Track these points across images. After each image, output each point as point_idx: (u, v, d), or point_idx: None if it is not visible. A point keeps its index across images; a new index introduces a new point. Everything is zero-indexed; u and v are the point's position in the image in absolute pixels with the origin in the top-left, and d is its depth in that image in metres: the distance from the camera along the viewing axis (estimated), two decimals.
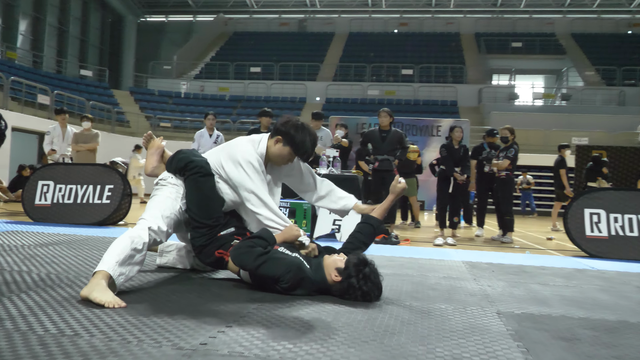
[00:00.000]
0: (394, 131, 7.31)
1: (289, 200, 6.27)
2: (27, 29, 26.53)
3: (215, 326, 2.07)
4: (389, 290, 3.05)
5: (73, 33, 29.56)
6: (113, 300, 2.32)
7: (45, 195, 6.54)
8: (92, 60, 30.74)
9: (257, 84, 25.70)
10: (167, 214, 2.88)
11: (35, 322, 2.00)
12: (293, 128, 3.03)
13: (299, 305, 2.50)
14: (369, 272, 2.70)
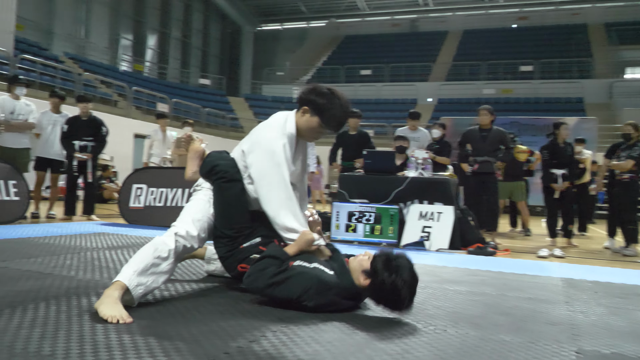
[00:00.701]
0: (495, 130, 6.66)
1: (375, 205, 5.90)
2: (154, 43, 28.47)
3: (215, 352, 1.79)
4: (449, 312, 2.59)
5: (195, 44, 31.29)
6: (118, 315, 2.12)
7: (139, 198, 6.73)
8: (212, 70, 32.34)
9: (367, 86, 25.44)
10: (198, 217, 2.65)
11: (23, 337, 1.85)
12: (318, 94, 2.68)
13: (323, 330, 2.14)
14: (399, 267, 2.34)
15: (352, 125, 7.49)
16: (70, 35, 22.76)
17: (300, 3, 32.96)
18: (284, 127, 2.71)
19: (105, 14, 25.20)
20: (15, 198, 6.02)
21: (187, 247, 2.58)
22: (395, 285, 2.30)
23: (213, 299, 2.63)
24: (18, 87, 6.71)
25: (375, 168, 6.21)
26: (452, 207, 5.84)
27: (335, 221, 6.01)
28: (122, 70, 24.10)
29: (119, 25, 25.84)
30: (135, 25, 27.10)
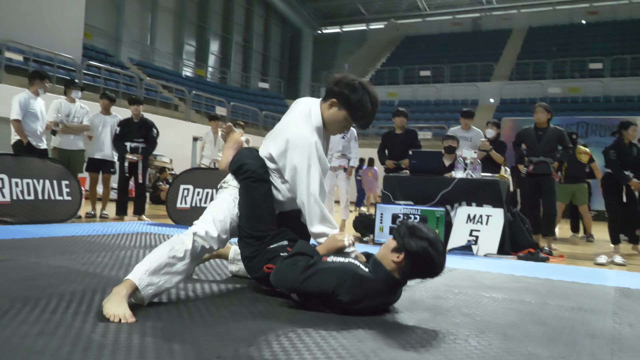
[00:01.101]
0: (552, 129, 6.29)
1: (420, 207, 5.70)
2: (216, 49, 29.13)
3: (208, 356, 1.70)
4: (477, 321, 2.40)
5: (256, 49, 31.79)
6: (121, 314, 2.07)
7: (186, 198, 6.81)
8: (272, 73, 32.75)
9: (426, 87, 24.96)
10: (220, 217, 2.56)
11: (21, 333, 1.83)
12: (348, 87, 2.54)
13: (332, 337, 2.01)
14: (422, 231, 2.29)
15: (398, 124, 7.29)
16: (136, 42, 23.62)
17: (359, 5, 32.85)
18: (310, 120, 2.60)
19: (170, 21, 26.00)
20: (67, 198, 6.22)
21: (206, 247, 2.50)
22: (426, 249, 2.24)
23: (228, 300, 2.55)
24: (74, 91, 6.95)
25: (421, 168, 6.00)
26: (502, 210, 5.55)
27: (379, 223, 5.84)
28: (184, 75, 24.79)
29: (182, 31, 26.59)
30: (198, 31, 27.82)
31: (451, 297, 2.93)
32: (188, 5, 26.84)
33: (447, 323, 2.33)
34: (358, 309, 2.28)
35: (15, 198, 5.68)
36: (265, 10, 32.39)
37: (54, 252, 3.72)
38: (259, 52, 32.14)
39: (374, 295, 2.28)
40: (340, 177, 7.82)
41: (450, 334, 2.14)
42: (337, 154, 7.80)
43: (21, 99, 6.36)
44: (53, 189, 6.07)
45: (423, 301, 2.77)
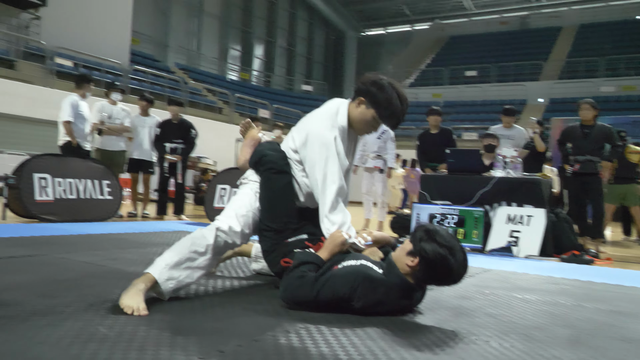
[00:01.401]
0: (599, 126, 6.02)
1: (458, 207, 5.54)
2: (261, 53, 29.44)
3: (210, 350, 1.66)
4: (503, 322, 2.27)
5: (300, 52, 31.96)
6: (135, 306, 2.06)
7: (222, 198, 6.85)
8: (316, 76, 32.84)
9: (472, 87, 24.45)
10: (242, 212, 2.53)
11: (31, 325, 1.84)
12: (375, 85, 2.47)
13: (344, 334, 1.94)
14: (439, 235, 2.16)
15: (433, 124, 7.13)
16: (183, 48, 24.12)
17: (404, 6, 32.54)
18: (335, 118, 2.55)
19: (215, 26, 26.45)
20: (108, 197, 6.36)
21: (229, 242, 2.47)
22: (442, 256, 2.11)
23: (245, 296, 2.51)
24: (114, 93, 7.12)
25: (459, 167, 5.84)
26: (544, 210, 5.33)
27: (415, 224, 5.71)
28: (229, 79, 25.15)
29: (227, 36, 27.00)
30: (243, 35, 28.19)
31: (479, 298, 2.80)
32: (233, 10, 27.24)
33: (469, 324, 2.22)
34: (372, 313, 2.19)
35: (58, 197, 5.84)
36: (309, 14, 32.52)
37: (85, 249, 3.78)
38: (302, 55, 32.30)
39: (386, 300, 2.19)
40: (377, 178, 7.73)
41: (470, 335, 2.03)
42: (373, 155, 7.71)
43: (72, 102, 6.56)
44: (94, 189, 6.21)
45: (447, 301, 2.66)
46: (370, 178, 7.85)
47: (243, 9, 28.03)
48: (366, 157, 7.87)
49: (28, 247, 3.66)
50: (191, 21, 25.14)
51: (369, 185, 7.96)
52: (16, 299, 2.18)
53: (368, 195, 7.99)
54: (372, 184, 7.88)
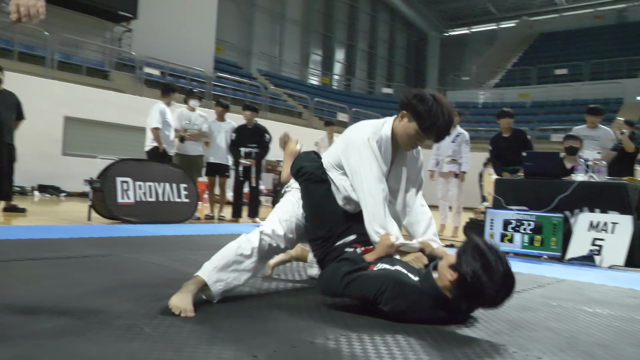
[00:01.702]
0: None
1: (535, 213, 5.27)
2: (342, 57, 29.59)
3: (242, 355, 1.67)
4: (563, 338, 2.12)
5: (381, 55, 31.80)
6: (182, 307, 2.12)
7: None
8: (398, 79, 32.55)
9: (562, 87, 23.24)
10: (285, 217, 2.56)
11: (73, 317, 1.93)
12: (418, 98, 2.43)
13: (384, 343, 1.88)
14: (484, 254, 2.03)
15: (505, 126, 6.83)
16: (264, 54, 24.72)
17: (489, 4, 31.52)
18: (381, 128, 2.54)
19: (297, 32, 26.90)
20: (185, 200, 6.61)
21: (273, 246, 2.50)
22: (477, 274, 2.00)
23: (295, 301, 2.51)
24: (192, 100, 7.40)
25: (536, 171, 5.55)
26: (631, 217, 4.94)
27: (489, 230, 5.49)
28: (310, 84, 25.47)
29: (309, 41, 27.37)
30: (324, 40, 28.47)
31: (542, 310, 2.64)
32: (314, 15, 27.57)
33: (525, 337, 2.09)
34: (406, 320, 2.14)
35: (139, 199, 6.14)
36: (391, 17, 32.29)
37: (155, 250, 3.95)
38: (384, 58, 32.12)
39: (417, 307, 2.12)
40: (452, 183, 7.55)
41: (522, 350, 1.91)
42: (447, 159, 7.54)
43: (160, 109, 6.91)
44: (172, 192, 6.48)
45: (507, 312, 2.52)
46: (445, 183, 7.68)
47: (324, 14, 28.31)
48: (441, 161, 7.71)
49: (103, 247, 3.87)
50: (274, 27, 25.72)
51: (444, 191, 7.79)
52: (76, 296, 2.31)
53: (444, 200, 7.82)
54: (447, 189, 7.70)
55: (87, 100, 11.64)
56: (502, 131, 6.89)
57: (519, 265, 4.53)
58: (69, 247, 3.76)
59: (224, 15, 22.22)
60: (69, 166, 10.97)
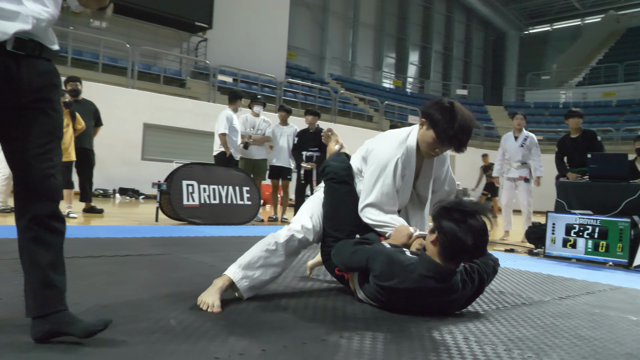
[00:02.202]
0: None
1: (600, 217, 5.04)
2: (416, 59, 29.28)
3: (252, 348, 1.76)
4: (593, 347, 2.05)
5: (457, 56, 31.14)
6: (210, 302, 2.25)
7: None
8: (474, 80, 31.73)
9: None
10: (313, 212, 2.67)
11: (107, 312, 2.10)
12: (435, 106, 2.45)
13: (393, 341, 1.91)
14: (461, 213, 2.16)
15: (573, 127, 6.52)
16: (337, 59, 24.90)
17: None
18: (405, 139, 2.60)
19: (370, 36, 26.89)
20: (247, 202, 6.84)
21: (302, 239, 2.60)
22: (454, 232, 2.13)
23: (322, 300, 2.57)
24: (256, 106, 7.64)
25: (602, 174, 5.29)
26: None
27: (551, 234, 5.30)
28: (383, 87, 25.39)
29: (382, 44, 27.29)
30: (397, 43, 28.29)
31: (580, 317, 2.55)
32: (388, 18, 27.46)
33: (549, 344, 2.04)
34: (399, 294, 2.24)
35: (203, 202, 6.43)
36: (467, 16, 31.56)
37: (208, 250, 4.14)
38: (459, 59, 31.43)
39: (407, 277, 2.20)
40: (520, 188, 7.29)
41: (539, 356, 1.88)
42: (517, 164, 7.32)
43: (227, 116, 7.21)
44: (235, 195, 6.73)
45: (540, 317, 2.46)
46: (511, 189, 7.42)
47: (398, 16, 28.12)
48: (508, 166, 7.48)
49: (162, 247, 4.10)
50: (346, 32, 25.85)
51: (509, 197, 7.53)
52: (119, 291, 2.49)
53: (508, 207, 7.55)
54: (513, 195, 7.43)
55: (165, 107, 12.27)
56: (570, 132, 6.61)
57: (576, 271, 4.36)
58: (130, 246, 4.03)
59: (297, 22, 22.63)
60: (148, 170, 11.60)
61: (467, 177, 17.38)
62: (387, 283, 2.23)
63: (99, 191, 11.16)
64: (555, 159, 6.67)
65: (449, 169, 2.77)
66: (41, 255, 1.71)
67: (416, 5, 28.89)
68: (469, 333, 2.12)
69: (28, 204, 1.71)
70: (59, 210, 1.78)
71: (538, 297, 2.99)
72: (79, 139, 6.51)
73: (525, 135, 7.28)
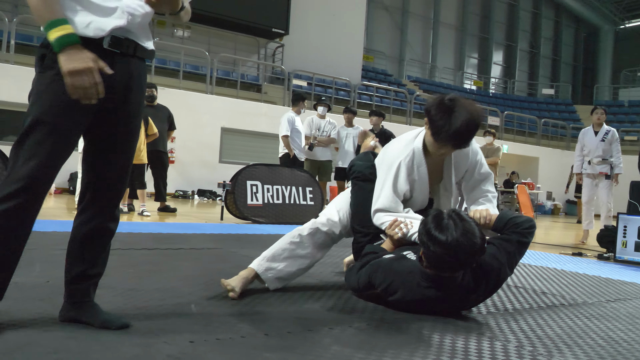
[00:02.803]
0: None
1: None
2: (500, 58, 28.34)
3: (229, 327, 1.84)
4: (622, 352, 1.94)
5: (544, 54, 29.81)
6: (230, 287, 2.36)
7: None
8: (564, 78, 30.23)
9: None
10: (341, 206, 2.72)
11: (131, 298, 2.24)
12: (434, 105, 2.36)
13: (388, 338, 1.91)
14: (448, 225, 2.07)
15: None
16: (415, 61, 24.60)
17: None
18: (412, 140, 2.56)
19: (452, 36, 26.35)
20: (310, 203, 6.95)
21: (327, 232, 2.64)
22: (428, 232, 2.07)
23: (348, 293, 2.60)
24: (320, 107, 7.75)
25: None
26: None
27: (622, 238, 4.98)
28: (465, 88, 24.79)
29: (464, 45, 26.66)
30: (480, 42, 27.53)
31: (619, 319, 2.41)
32: (470, 18, 26.79)
33: (569, 344, 1.95)
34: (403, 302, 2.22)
35: (267, 202, 6.61)
36: (555, 12, 30.14)
37: (257, 246, 4.19)
38: (547, 57, 30.05)
39: (406, 286, 2.18)
40: (601, 185, 6.92)
41: (550, 355, 1.81)
42: (597, 160, 6.95)
43: (289, 118, 7.41)
44: (298, 195, 6.86)
45: (571, 319, 2.36)
46: (592, 186, 7.06)
47: (481, 15, 27.36)
48: (587, 162, 7.12)
49: (216, 242, 4.29)
50: (427, 33, 25.49)
51: (590, 194, 7.17)
52: (159, 279, 2.65)
53: (589, 204, 7.20)
54: (594, 192, 7.09)
55: (242, 112, 12.71)
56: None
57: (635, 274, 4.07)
58: (186, 241, 4.24)
59: (376, 25, 22.63)
60: (225, 172, 11.99)
61: (551, 180, 16.72)
62: (392, 298, 2.22)
63: (179, 192, 11.74)
64: (639, 158, 6.26)
65: (477, 161, 2.64)
66: (88, 249, 1.79)
67: (500, 3, 27.96)
68: (487, 329, 2.08)
69: (97, 199, 1.78)
70: (118, 209, 1.87)
71: (582, 299, 2.85)
72: (153, 142, 6.89)
73: (606, 130, 6.93)
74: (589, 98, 28.30)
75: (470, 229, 2.05)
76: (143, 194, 6.67)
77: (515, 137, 18.48)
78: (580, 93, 29.58)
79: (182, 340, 1.69)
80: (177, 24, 13.34)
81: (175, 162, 12.06)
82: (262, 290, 2.50)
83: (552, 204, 17.34)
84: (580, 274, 3.87)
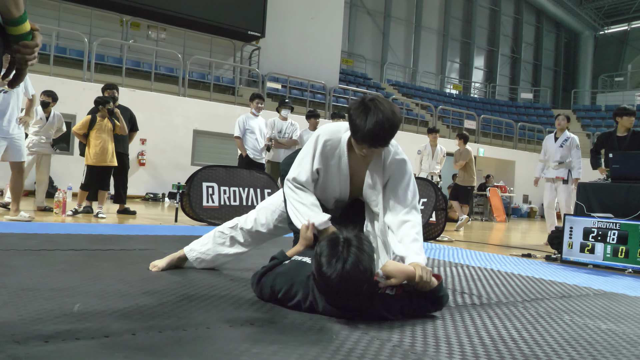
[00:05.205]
0: None
1: (620, 221, 4.72)
2: (481, 63, 28.51)
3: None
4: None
5: (525, 59, 30.02)
6: (156, 263, 2.98)
7: None
8: (544, 83, 30.47)
9: None
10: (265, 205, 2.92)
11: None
12: (356, 104, 2.32)
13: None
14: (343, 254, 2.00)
15: (625, 126, 6.17)
16: (396, 65, 24.66)
17: None
18: (339, 131, 2.51)
19: (434, 41, 26.46)
20: None
21: (251, 230, 2.85)
22: (317, 255, 2.04)
23: None
24: (283, 109, 7.73)
25: (626, 174, 4.94)
26: None
27: (568, 239, 4.99)
28: (445, 92, 24.89)
29: (446, 49, 26.78)
30: (462, 47, 27.67)
31: (505, 326, 2.39)
32: (452, 23, 26.92)
33: (429, 352, 1.93)
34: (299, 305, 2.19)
35: (223, 203, 6.56)
36: (537, 18, 30.41)
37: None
38: (528, 62, 30.29)
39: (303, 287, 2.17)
40: (559, 189, 7.03)
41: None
42: (554, 164, 7.06)
43: (240, 120, 7.38)
44: (256, 196, 6.82)
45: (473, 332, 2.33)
46: (552, 190, 7.16)
47: (463, 20, 27.52)
48: (547, 166, 7.25)
49: (153, 243, 4.23)
50: (408, 38, 25.57)
51: (551, 198, 7.28)
52: (64, 280, 2.60)
53: (550, 209, 7.31)
54: (554, 196, 7.20)
55: (215, 114, 12.66)
56: (617, 129, 6.26)
57: (583, 277, 4.07)
58: (123, 243, 4.18)
59: (358, 29, 22.67)
60: None
61: (527, 184, 16.70)
62: (291, 303, 2.19)
63: (149, 195, 11.64)
64: (591, 152, 6.37)
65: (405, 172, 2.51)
66: None
67: (482, 9, 28.16)
68: (375, 326, 2.05)
69: None
70: None
71: (498, 299, 2.84)
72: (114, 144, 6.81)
73: (566, 136, 7.06)
74: (568, 102, 28.55)
75: (361, 260, 1.99)
76: (104, 196, 6.60)
77: (492, 141, 18.57)
78: (560, 98, 29.84)
79: (37, 341, 1.64)
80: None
81: (146, 164, 11.99)
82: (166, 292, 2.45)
83: (529, 207, 17.43)
84: (514, 274, 3.86)
